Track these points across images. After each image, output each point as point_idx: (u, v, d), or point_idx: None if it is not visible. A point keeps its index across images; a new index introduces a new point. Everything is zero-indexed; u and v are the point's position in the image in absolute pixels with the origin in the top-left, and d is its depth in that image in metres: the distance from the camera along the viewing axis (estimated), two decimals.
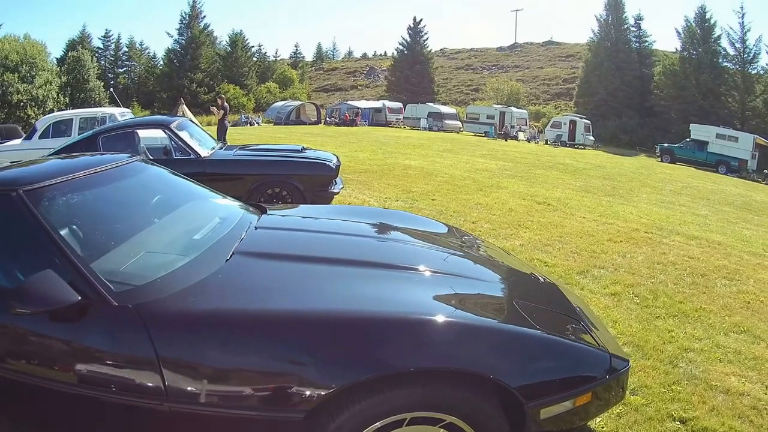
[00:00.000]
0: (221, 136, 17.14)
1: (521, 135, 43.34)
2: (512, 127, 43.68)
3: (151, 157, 7.85)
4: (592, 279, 6.28)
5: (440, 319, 2.40)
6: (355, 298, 2.59)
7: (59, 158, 3.93)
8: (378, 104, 52.60)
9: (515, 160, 21.53)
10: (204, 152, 7.97)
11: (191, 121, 28.86)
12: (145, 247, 3.05)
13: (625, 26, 54.79)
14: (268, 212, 3.97)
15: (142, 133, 8.46)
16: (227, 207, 3.94)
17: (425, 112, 48.11)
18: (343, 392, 2.16)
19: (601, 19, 55.25)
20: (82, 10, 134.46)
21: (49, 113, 29.28)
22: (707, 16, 49.37)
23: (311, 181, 7.80)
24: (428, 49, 71.15)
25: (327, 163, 8.08)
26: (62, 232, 2.55)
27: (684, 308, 5.49)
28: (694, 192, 17.84)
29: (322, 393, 2.14)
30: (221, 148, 8.74)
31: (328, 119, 49.15)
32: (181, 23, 64.68)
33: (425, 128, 45.73)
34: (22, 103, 43.85)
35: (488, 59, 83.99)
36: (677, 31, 51.06)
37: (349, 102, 53.05)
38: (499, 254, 4.08)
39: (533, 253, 7.18)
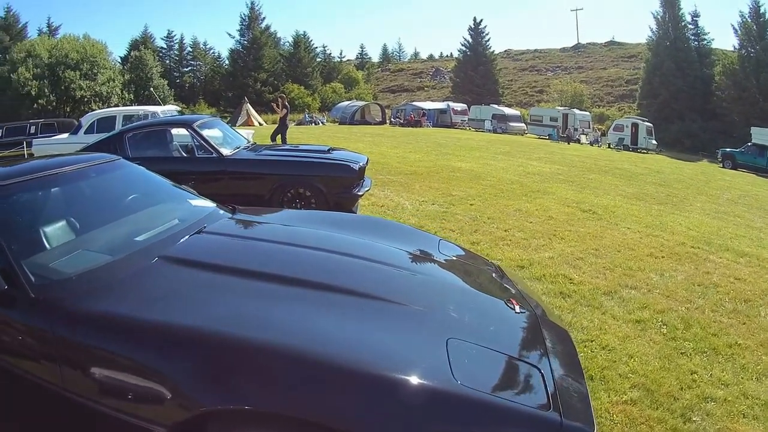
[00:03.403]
0: (277, 135, 16.91)
1: (583, 138, 41.76)
2: (575, 129, 42.19)
3: (185, 155, 7.68)
4: (618, 301, 5.52)
5: (324, 358, 2.06)
6: (250, 319, 2.31)
7: (41, 157, 4.06)
8: (443, 105, 51.70)
9: (571, 164, 20.48)
10: (226, 151, 7.68)
11: (255, 119, 29.33)
12: (85, 245, 3.11)
13: (683, 23, 52.00)
14: (234, 216, 3.80)
15: (176, 131, 8.32)
16: (194, 209, 3.84)
17: (489, 114, 47.06)
18: (208, 416, 2.01)
19: (658, 17, 52.84)
20: (141, 11, 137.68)
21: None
22: (761, 10, 46.29)
23: (332, 183, 7.36)
24: (490, 49, 70.07)
25: (349, 164, 7.56)
26: (9, 227, 2.74)
27: (716, 343, 4.66)
28: (752, 201, 16.35)
29: (186, 413, 2.03)
30: (248, 147, 8.39)
31: (392, 120, 48.74)
32: (242, 24, 65.55)
33: (489, 130, 44.69)
34: (86, 99, 45.61)
35: (552, 60, 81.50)
36: (733, 28, 48.37)
37: (414, 103, 52.48)
38: (480, 273, 3.47)
39: (561, 267, 6.46)
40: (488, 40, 69.30)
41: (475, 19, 69.08)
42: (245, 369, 2.04)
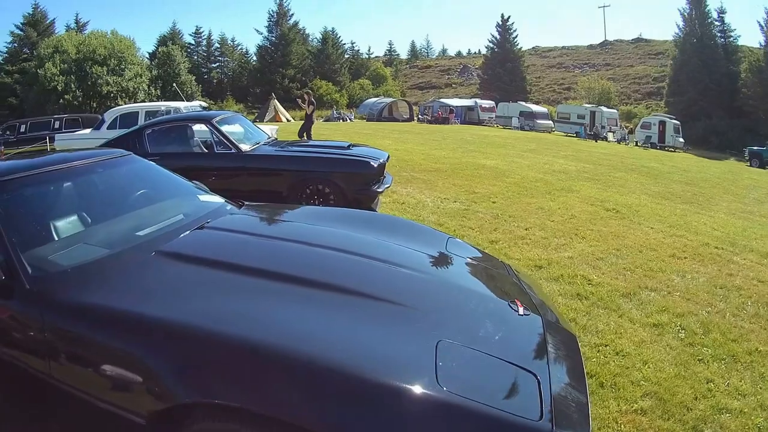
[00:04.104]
0: (305, 132, 16.86)
1: (611, 136, 41.05)
2: (602, 127, 41.49)
3: (204, 151, 7.64)
4: (637, 304, 5.31)
5: (303, 358, 1.98)
6: (233, 315, 2.25)
7: (52, 152, 4.07)
8: (470, 102, 51.35)
9: (598, 162, 20.09)
10: (245, 147, 7.60)
11: (283, 115, 29.29)
12: (87, 238, 3.12)
13: (709, 20, 51.22)
14: (240, 211, 3.81)
15: (195, 127, 8.24)
16: (200, 204, 3.82)
17: (517, 111, 46.61)
18: (183, 409, 2.00)
19: (685, 13, 52.19)
20: (170, 8, 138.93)
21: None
22: None
23: (351, 179, 7.19)
24: (518, 46, 69.31)
25: (368, 161, 7.36)
26: (13, 220, 2.74)
27: (736, 349, 4.42)
28: None
29: (162, 404, 2.03)
30: (268, 143, 8.30)
31: (420, 116, 48.51)
32: (270, 21, 65.70)
33: (517, 127, 44.21)
34: (112, 94, 45.39)
35: (579, 57, 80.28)
36: (759, 25, 47.48)
37: (441, 100, 52.18)
38: (486, 272, 3.34)
39: (580, 268, 6.27)
40: (516, 36, 68.74)
41: (502, 16, 68.53)
42: (222, 364, 2.02)
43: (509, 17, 68.40)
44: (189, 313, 2.25)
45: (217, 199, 3.93)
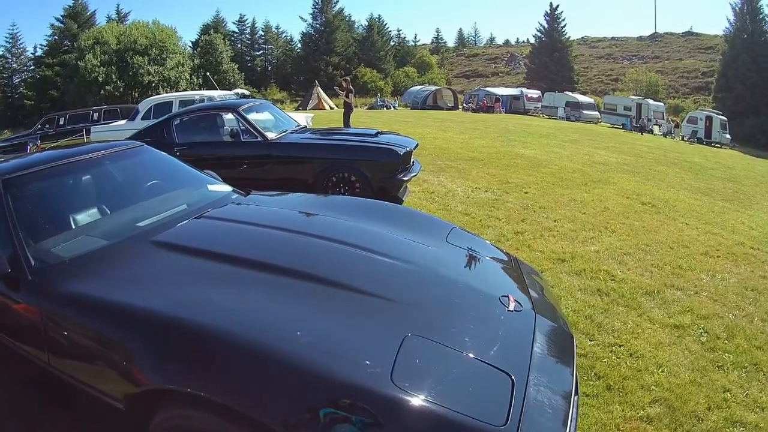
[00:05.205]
0: (348, 120, 16.72)
1: (657, 129, 39.68)
2: (649, 120, 40.14)
3: (230, 139, 7.53)
4: (659, 303, 5.00)
5: (266, 350, 1.92)
6: (207, 304, 2.22)
7: (68, 145, 4.20)
8: (516, 92, 50.18)
9: (640, 154, 19.32)
10: (271, 135, 7.45)
11: (326, 103, 28.86)
12: (90, 230, 3.08)
13: (761, 15, 48.79)
14: (244, 200, 3.71)
15: (223, 116, 8.13)
16: (206, 194, 3.76)
17: (563, 101, 45.35)
18: (153, 394, 2.01)
19: (737, 8, 49.89)
20: None
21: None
22: None
23: (376, 167, 6.97)
24: (566, 36, 67.21)
25: (393, 149, 7.11)
26: (21, 214, 2.73)
27: (759, 358, 4.07)
28: None
29: (136, 388, 2.03)
30: (295, 131, 8.10)
31: (464, 105, 47.73)
32: (315, 8, 64.41)
33: (562, 117, 43.08)
34: (153, 84, 44.69)
35: (628, 49, 77.56)
36: None
37: (487, 88, 51.17)
38: (484, 266, 3.14)
39: (605, 262, 5.98)
40: (564, 26, 66.68)
41: (551, 5, 66.43)
42: (188, 352, 2.00)
43: (558, 6, 66.53)
44: (168, 301, 2.24)
45: (224, 188, 3.87)
